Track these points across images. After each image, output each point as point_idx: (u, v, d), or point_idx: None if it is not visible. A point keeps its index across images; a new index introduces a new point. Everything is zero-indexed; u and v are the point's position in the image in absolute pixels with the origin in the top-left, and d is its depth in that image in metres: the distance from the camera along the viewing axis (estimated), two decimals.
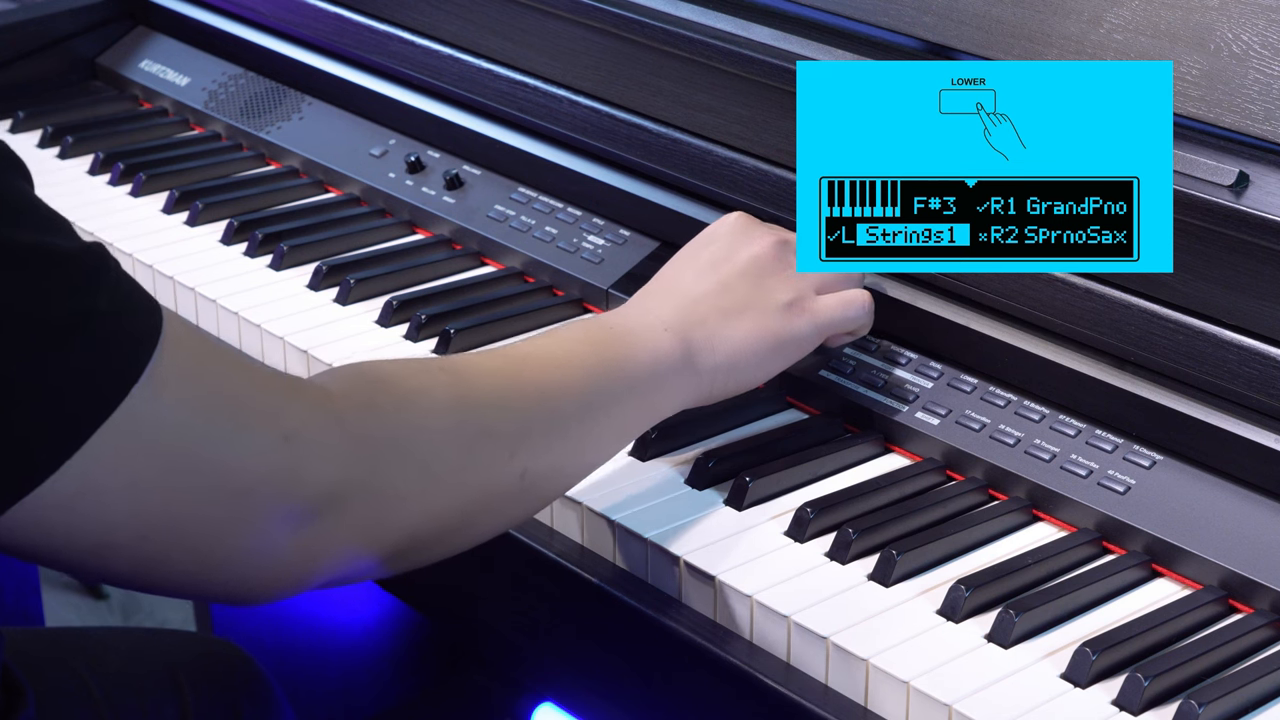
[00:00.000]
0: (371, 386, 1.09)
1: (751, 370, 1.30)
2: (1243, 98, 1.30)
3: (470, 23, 1.78)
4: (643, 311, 1.28)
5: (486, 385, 1.14)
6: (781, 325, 1.30)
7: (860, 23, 1.53)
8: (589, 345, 1.22)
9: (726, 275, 1.31)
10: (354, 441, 1.05)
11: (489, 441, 1.12)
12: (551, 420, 1.17)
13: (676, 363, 1.25)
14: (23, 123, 2.00)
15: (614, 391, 1.21)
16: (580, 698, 1.37)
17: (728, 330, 1.28)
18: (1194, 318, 1.28)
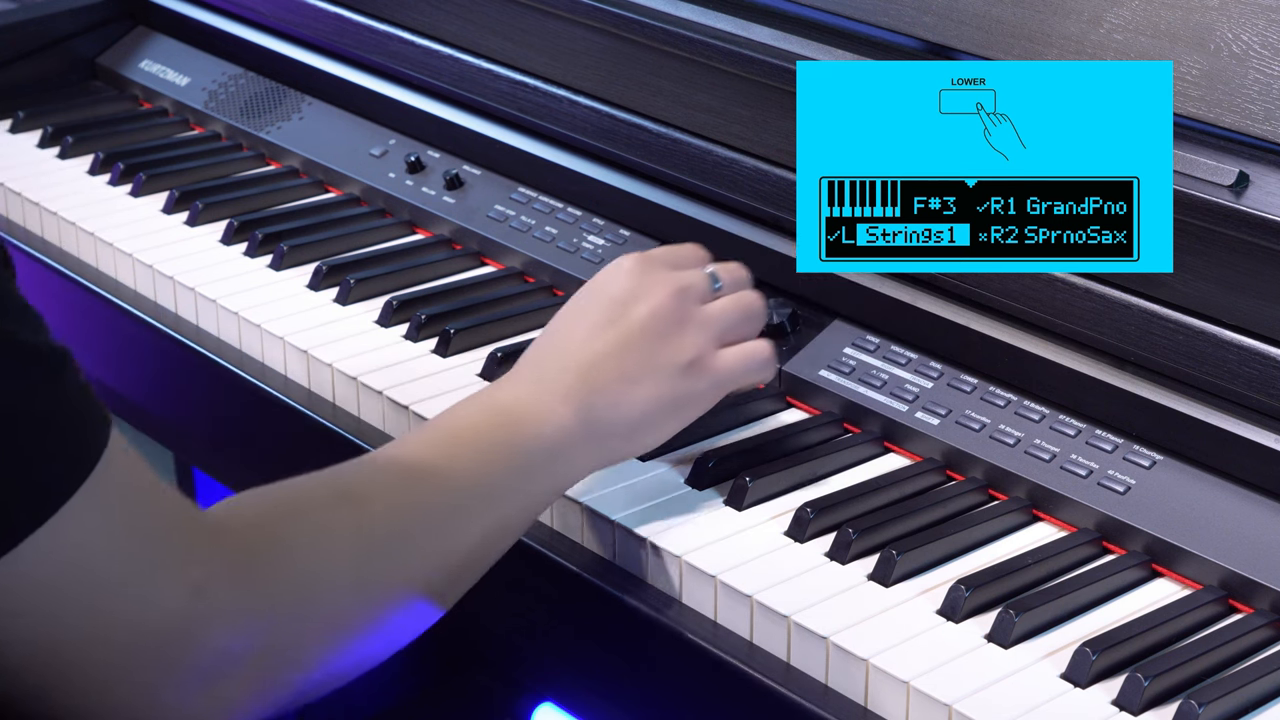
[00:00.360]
0: (277, 531, 1.04)
1: (651, 434, 1.25)
2: (1243, 98, 1.30)
3: (470, 23, 1.78)
4: (538, 381, 1.22)
5: (388, 520, 1.09)
6: (682, 387, 1.25)
7: (860, 23, 1.53)
8: (490, 444, 1.17)
9: (625, 334, 1.24)
10: (260, 601, 1.01)
11: (392, 585, 1.09)
12: (455, 540, 1.13)
13: (578, 437, 1.20)
14: (23, 123, 2.00)
15: (517, 486, 1.17)
16: (580, 698, 1.37)
17: (629, 397, 1.22)
18: (1194, 318, 1.28)
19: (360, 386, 1.48)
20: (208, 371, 1.59)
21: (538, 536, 1.32)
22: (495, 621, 1.40)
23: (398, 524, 1.10)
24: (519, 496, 1.18)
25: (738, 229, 1.54)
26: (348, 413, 1.50)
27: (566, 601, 1.30)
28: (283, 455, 1.56)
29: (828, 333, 1.46)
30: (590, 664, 1.32)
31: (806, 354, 1.45)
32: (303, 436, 1.51)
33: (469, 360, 1.52)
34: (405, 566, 1.10)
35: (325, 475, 1.11)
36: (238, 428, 1.62)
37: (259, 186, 1.85)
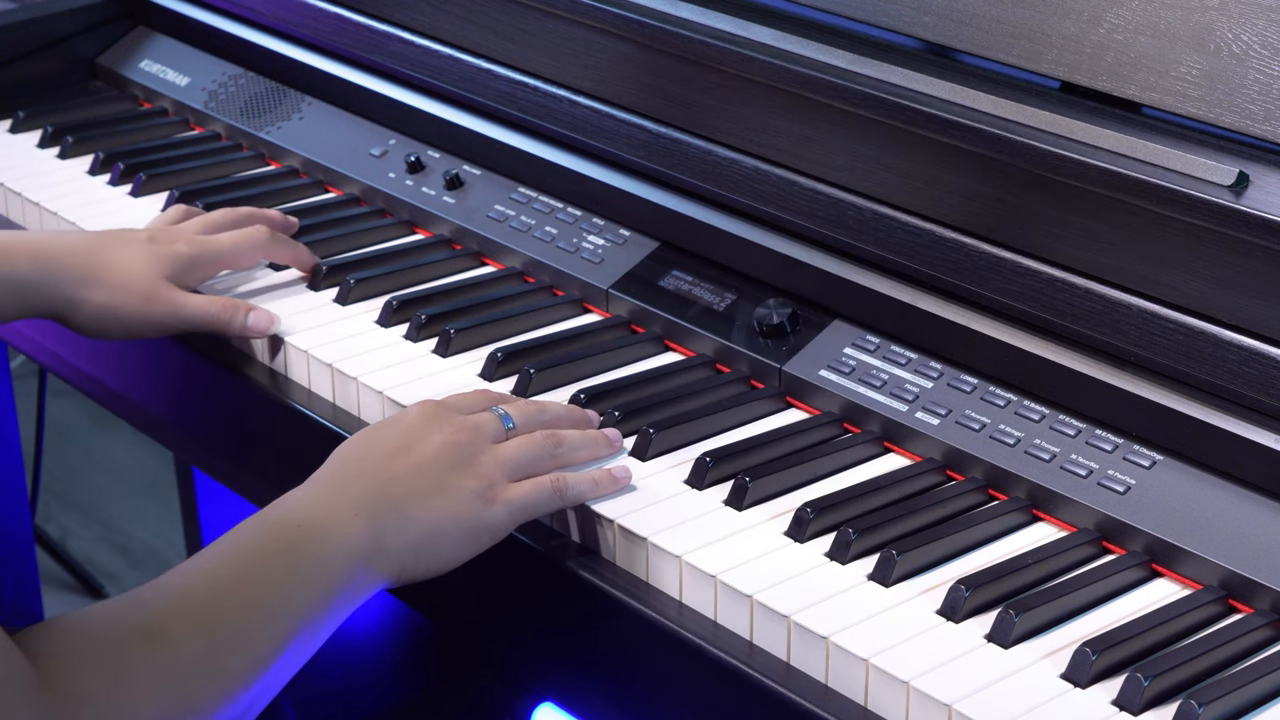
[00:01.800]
0: (86, 678, 1.07)
1: (443, 554, 1.26)
2: (1243, 98, 1.30)
3: (470, 23, 1.78)
4: (330, 492, 1.24)
5: (190, 651, 1.12)
6: (474, 512, 1.27)
7: (860, 23, 1.53)
8: (284, 560, 1.19)
9: (418, 460, 1.27)
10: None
11: (193, 715, 1.12)
12: (251, 665, 1.15)
13: (367, 549, 1.22)
14: (23, 123, 2.00)
15: (309, 602, 1.19)
16: (580, 698, 1.37)
17: (420, 514, 1.25)
18: (1194, 318, 1.28)
19: (360, 386, 1.48)
20: (207, 371, 1.59)
21: (538, 537, 1.32)
22: (495, 622, 1.40)
23: (200, 653, 1.13)
24: (313, 615, 1.20)
25: (738, 229, 1.54)
26: (348, 413, 1.50)
27: (567, 602, 1.30)
28: (282, 455, 1.56)
29: (828, 333, 1.46)
30: (590, 664, 1.32)
31: (806, 354, 1.45)
32: (303, 436, 1.51)
33: (469, 360, 1.52)
34: (208, 693, 1.13)
35: (128, 606, 1.13)
36: (238, 427, 1.62)
37: (259, 186, 1.85)
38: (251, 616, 1.16)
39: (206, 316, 1.54)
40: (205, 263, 1.58)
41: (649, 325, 1.55)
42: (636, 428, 1.40)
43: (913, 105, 1.42)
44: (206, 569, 1.18)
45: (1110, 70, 1.37)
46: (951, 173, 1.41)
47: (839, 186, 1.48)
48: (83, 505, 3.39)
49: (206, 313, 1.54)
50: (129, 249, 1.54)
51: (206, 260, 1.58)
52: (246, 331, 1.55)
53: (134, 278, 1.52)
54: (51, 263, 1.51)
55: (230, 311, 1.54)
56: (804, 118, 1.50)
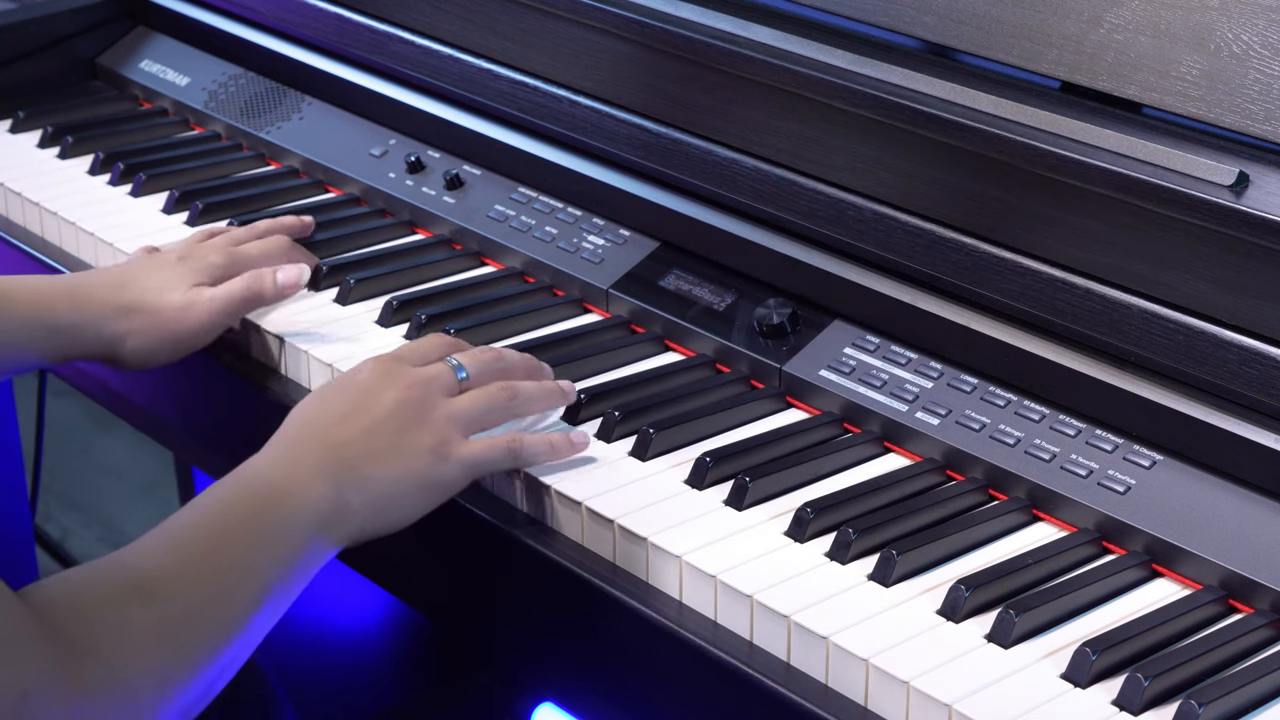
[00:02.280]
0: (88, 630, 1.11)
1: (400, 511, 1.30)
2: (1243, 98, 1.30)
3: (470, 23, 1.78)
4: (291, 461, 1.27)
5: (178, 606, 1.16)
6: (428, 468, 1.30)
7: (860, 23, 1.53)
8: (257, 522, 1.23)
9: (372, 420, 1.30)
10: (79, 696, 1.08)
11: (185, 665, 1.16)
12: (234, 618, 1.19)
13: (330, 510, 1.26)
14: (23, 123, 2.00)
15: (278, 560, 1.23)
16: (580, 698, 1.37)
17: (376, 473, 1.28)
18: (1194, 318, 1.28)
19: None
20: (207, 371, 1.59)
21: (539, 537, 1.32)
22: (495, 621, 1.40)
23: (188, 609, 1.17)
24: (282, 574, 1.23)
25: (738, 229, 1.54)
26: None
27: (567, 601, 1.30)
28: None
29: (828, 333, 1.46)
30: (590, 664, 1.32)
31: (806, 354, 1.45)
32: None
33: None
34: (198, 645, 1.17)
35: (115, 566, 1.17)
36: (237, 428, 1.62)
37: (259, 186, 1.85)
38: (231, 575, 1.20)
39: (237, 298, 1.53)
40: (237, 272, 1.57)
41: (649, 325, 1.55)
42: (636, 428, 1.40)
43: (913, 105, 1.42)
44: (184, 531, 1.21)
45: (1110, 70, 1.37)
46: (951, 173, 1.41)
47: (839, 186, 1.48)
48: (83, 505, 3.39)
49: (234, 293, 1.53)
50: (162, 273, 1.54)
51: (239, 269, 1.57)
52: (281, 291, 1.55)
53: (169, 295, 1.52)
54: (90, 303, 1.50)
55: (257, 279, 1.54)
56: (804, 118, 1.50)
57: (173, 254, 1.58)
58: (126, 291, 1.51)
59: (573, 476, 1.34)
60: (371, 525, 1.28)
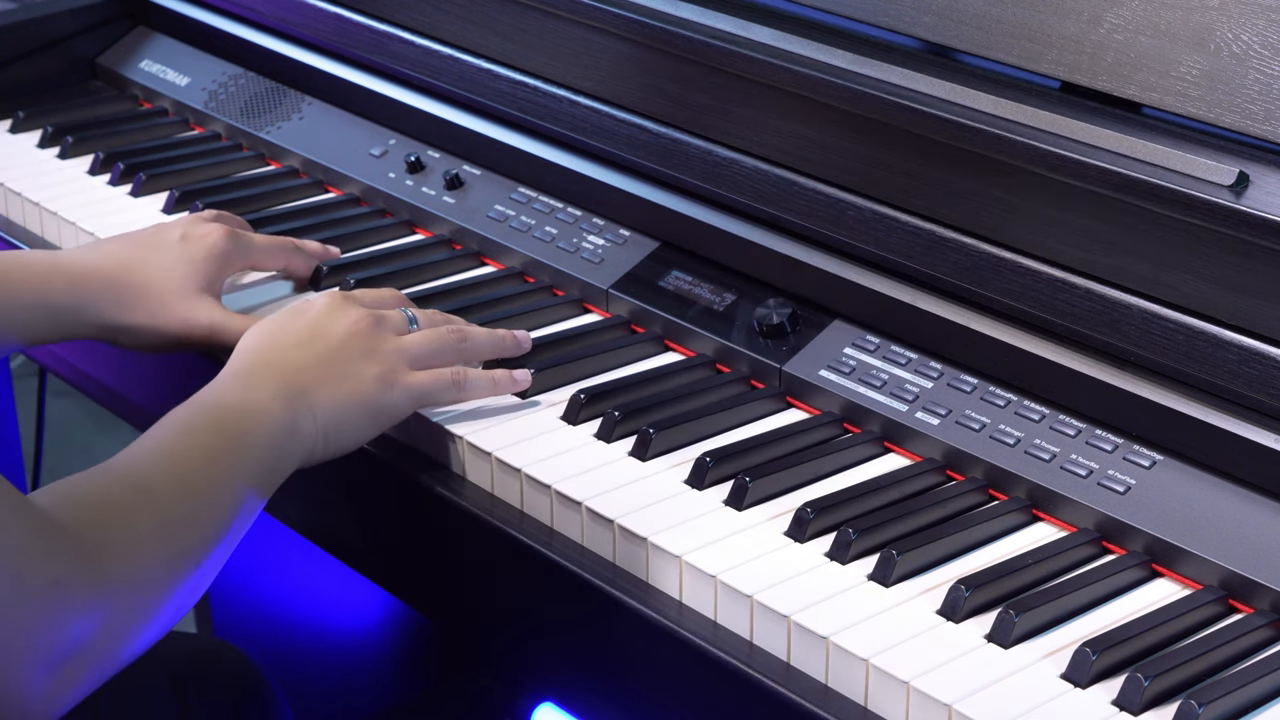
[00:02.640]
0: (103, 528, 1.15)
1: (349, 434, 1.36)
2: (1243, 98, 1.30)
3: (470, 23, 1.78)
4: (248, 387, 1.33)
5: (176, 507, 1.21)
6: (374, 393, 1.36)
7: (860, 23, 1.53)
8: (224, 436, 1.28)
9: (324, 348, 1.37)
10: (103, 585, 1.13)
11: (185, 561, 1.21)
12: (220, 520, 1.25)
13: (287, 433, 1.31)
14: (23, 123, 2.00)
15: (247, 474, 1.27)
16: (580, 698, 1.37)
17: (325, 398, 1.34)
18: (1194, 318, 1.28)
19: None
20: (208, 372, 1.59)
21: (538, 537, 1.32)
22: (495, 622, 1.40)
23: (182, 509, 1.22)
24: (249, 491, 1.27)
25: (738, 229, 1.54)
26: None
27: (566, 601, 1.30)
28: None
29: (828, 333, 1.46)
30: (590, 664, 1.32)
31: (806, 354, 1.45)
32: None
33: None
34: (195, 542, 1.22)
35: (115, 471, 1.22)
36: None
37: (259, 186, 1.85)
38: (214, 481, 1.25)
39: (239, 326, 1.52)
40: (237, 257, 1.58)
41: (649, 325, 1.55)
42: (636, 428, 1.40)
43: (913, 105, 1.42)
44: (167, 442, 1.26)
45: (1110, 70, 1.37)
46: (951, 173, 1.41)
47: (839, 186, 1.48)
48: None
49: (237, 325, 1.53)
50: (161, 255, 1.54)
51: (238, 254, 1.58)
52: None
53: (170, 296, 1.52)
54: (89, 285, 1.51)
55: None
56: (804, 118, 1.50)
57: (176, 231, 1.57)
58: (128, 279, 1.51)
59: (573, 477, 1.34)
60: (322, 448, 1.33)
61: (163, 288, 1.52)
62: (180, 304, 1.52)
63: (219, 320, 1.52)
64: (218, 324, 1.52)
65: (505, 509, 1.36)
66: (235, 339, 1.52)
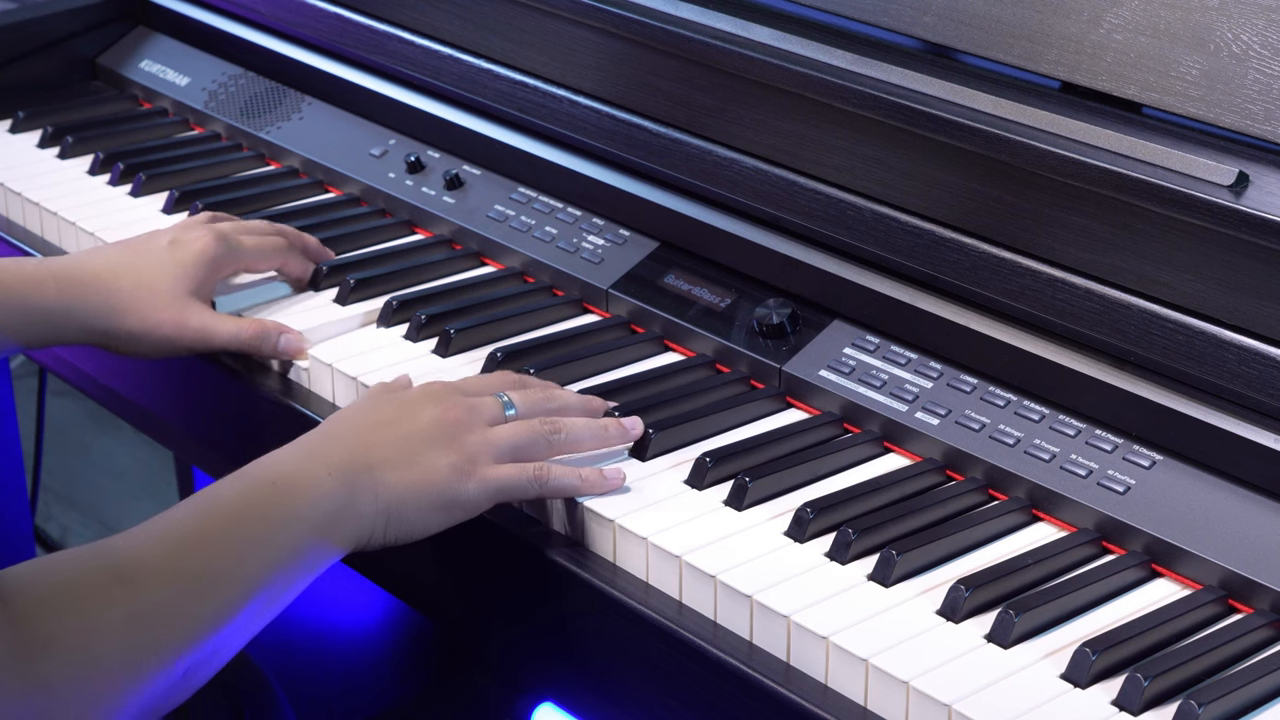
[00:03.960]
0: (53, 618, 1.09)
1: (414, 521, 1.27)
2: (1243, 98, 1.30)
3: (470, 23, 1.78)
4: (308, 455, 1.27)
5: (156, 596, 1.14)
6: (447, 483, 1.28)
7: (860, 23, 1.53)
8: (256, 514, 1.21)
9: (403, 431, 1.29)
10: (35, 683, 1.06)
11: (158, 657, 1.13)
12: (218, 613, 1.17)
13: (338, 509, 1.24)
14: (23, 123, 2.00)
15: (277, 560, 1.21)
16: (580, 698, 1.37)
17: (392, 479, 1.26)
18: (1194, 318, 1.28)
19: (360, 386, 1.48)
20: (207, 372, 1.59)
21: (537, 537, 1.32)
22: (494, 622, 1.40)
23: (167, 598, 1.14)
24: (280, 563, 1.21)
25: (738, 229, 1.54)
26: None
27: (566, 601, 1.30)
28: None
29: (828, 333, 1.46)
30: (590, 664, 1.32)
31: (806, 354, 1.45)
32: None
33: (469, 360, 1.52)
34: (175, 638, 1.14)
35: (99, 552, 1.15)
36: (238, 428, 1.62)
37: (259, 186, 1.85)
38: (220, 566, 1.18)
39: (239, 342, 1.53)
40: (227, 261, 1.58)
41: (649, 325, 1.55)
42: None
43: (913, 105, 1.42)
44: (179, 520, 1.20)
45: (1110, 70, 1.37)
46: (951, 173, 1.41)
47: (839, 186, 1.48)
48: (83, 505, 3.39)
49: (239, 338, 1.53)
50: (150, 260, 1.53)
51: (228, 258, 1.58)
52: (278, 354, 1.54)
53: (159, 299, 1.51)
54: (82, 289, 1.50)
55: (261, 336, 1.53)
56: (804, 118, 1.50)
57: (166, 236, 1.57)
58: (119, 285, 1.51)
59: None
60: (380, 533, 1.26)
61: (152, 291, 1.51)
62: (170, 308, 1.51)
63: (209, 323, 1.52)
64: (208, 326, 1.52)
65: (504, 510, 1.36)
66: (225, 342, 1.52)
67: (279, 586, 1.21)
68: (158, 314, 1.51)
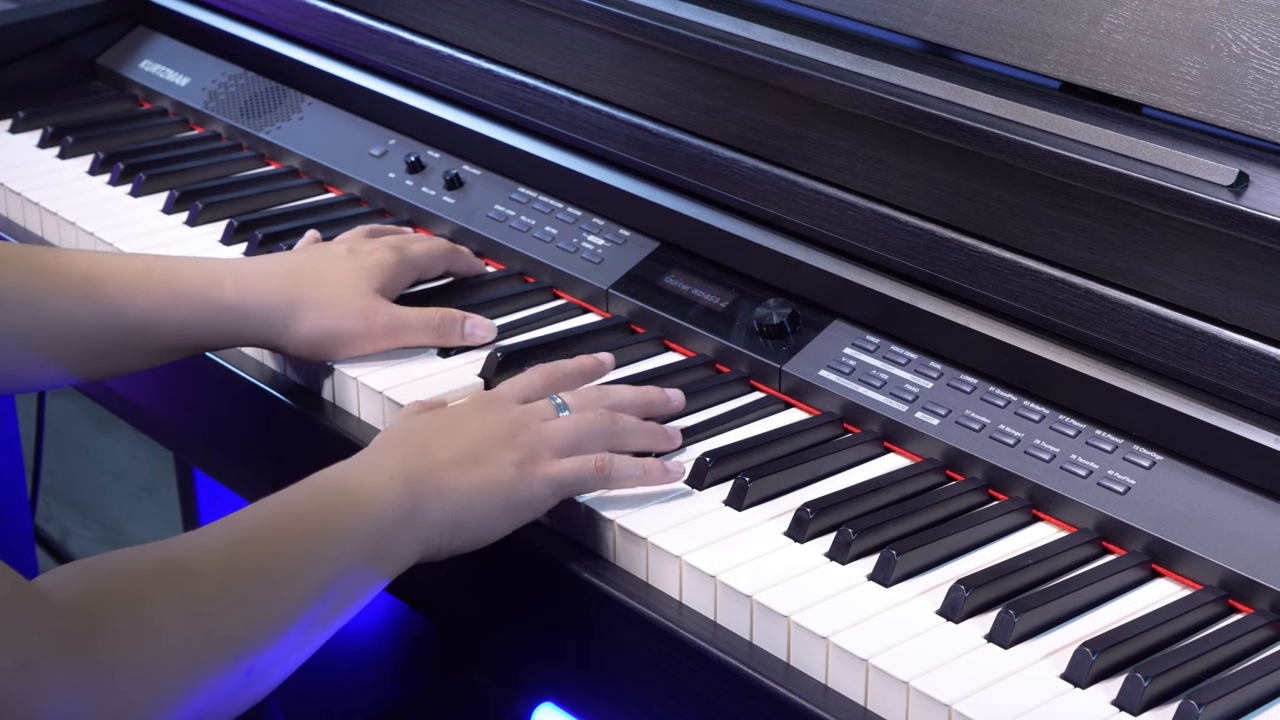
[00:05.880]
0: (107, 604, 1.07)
1: (481, 524, 1.27)
2: (1243, 98, 1.30)
3: (470, 23, 1.78)
4: (373, 461, 1.26)
5: (215, 585, 1.13)
6: (513, 481, 1.27)
7: (860, 23, 1.53)
8: (318, 516, 1.20)
9: (465, 435, 1.29)
10: (89, 671, 1.04)
11: (218, 649, 1.12)
12: (279, 612, 1.15)
13: (403, 514, 1.23)
14: (23, 123, 2.00)
15: (341, 557, 1.19)
16: (580, 698, 1.37)
17: (456, 482, 1.25)
18: (1194, 318, 1.28)
19: (360, 386, 1.48)
20: (207, 372, 1.59)
21: (537, 537, 1.32)
22: (495, 622, 1.40)
23: (226, 592, 1.13)
24: (344, 566, 1.20)
25: (738, 229, 1.54)
26: (346, 412, 1.50)
27: (567, 602, 1.30)
28: (282, 456, 1.56)
29: (828, 333, 1.46)
30: (590, 664, 1.32)
31: (806, 354, 1.45)
32: (303, 437, 1.51)
33: (469, 360, 1.52)
34: (235, 632, 1.13)
35: (159, 545, 1.14)
36: (238, 428, 1.62)
37: (259, 186, 1.85)
38: (281, 565, 1.16)
39: (429, 329, 1.52)
40: (407, 270, 1.56)
41: (649, 325, 1.55)
42: None
43: (913, 105, 1.42)
44: (242, 520, 1.19)
45: (1110, 70, 1.37)
46: (951, 173, 1.41)
47: (839, 186, 1.48)
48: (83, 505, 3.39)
49: (430, 324, 1.52)
50: (332, 265, 1.52)
51: (409, 267, 1.56)
52: (465, 339, 1.53)
53: (344, 296, 1.50)
54: (259, 289, 1.48)
55: (450, 323, 1.52)
56: (803, 118, 1.50)
57: (341, 246, 1.55)
58: (299, 282, 1.49)
59: None
60: (450, 538, 1.25)
61: (337, 290, 1.49)
62: (356, 303, 1.50)
63: (398, 313, 1.50)
64: (397, 316, 1.50)
65: None
66: (415, 329, 1.50)
67: (341, 594, 1.19)
68: (345, 308, 1.49)
